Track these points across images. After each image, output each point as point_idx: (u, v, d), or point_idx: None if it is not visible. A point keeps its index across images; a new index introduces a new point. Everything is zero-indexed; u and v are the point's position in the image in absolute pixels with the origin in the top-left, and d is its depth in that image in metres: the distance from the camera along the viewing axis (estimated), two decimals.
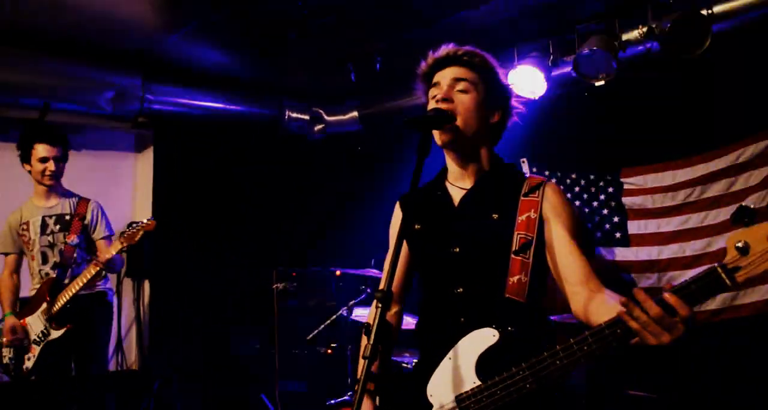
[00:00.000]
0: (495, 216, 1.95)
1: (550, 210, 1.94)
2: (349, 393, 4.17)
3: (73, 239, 3.99)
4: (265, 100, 5.97)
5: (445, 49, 2.04)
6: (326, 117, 6.15)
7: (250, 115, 5.92)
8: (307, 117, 6.13)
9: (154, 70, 5.27)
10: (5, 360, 3.92)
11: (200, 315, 5.73)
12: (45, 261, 4.05)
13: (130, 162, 6.07)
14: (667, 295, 1.50)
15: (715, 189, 4.47)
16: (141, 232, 3.74)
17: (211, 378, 5.56)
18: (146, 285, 5.80)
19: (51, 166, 4.00)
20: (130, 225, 3.87)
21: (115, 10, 4.34)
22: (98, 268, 3.80)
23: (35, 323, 3.94)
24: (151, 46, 4.97)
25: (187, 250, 5.80)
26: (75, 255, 4.02)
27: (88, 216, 4.11)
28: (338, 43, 5.07)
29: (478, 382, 1.76)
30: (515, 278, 1.88)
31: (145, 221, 3.78)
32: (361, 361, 2.12)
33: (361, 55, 5.27)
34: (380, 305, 1.60)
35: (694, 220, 4.52)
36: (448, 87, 1.97)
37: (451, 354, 1.84)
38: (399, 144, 6.02)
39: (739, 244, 1.42)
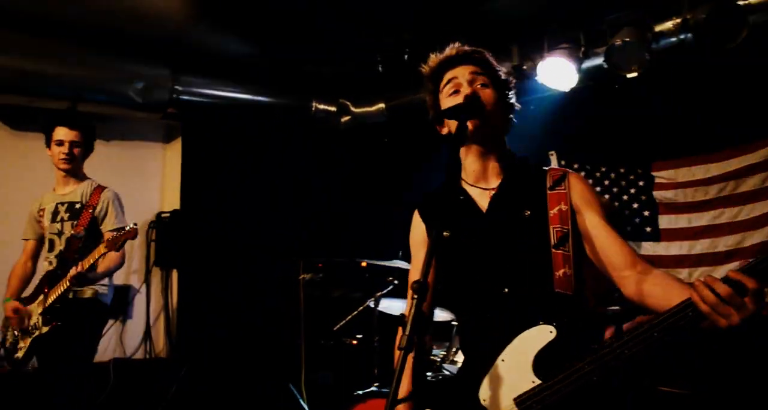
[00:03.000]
0: (527, 213, 1.94)
1: (580, 200, 1.94)
2: (375, 384, 4.17)
3: (80, 232, 3.81)
4: (292, 91, 5.97)
5: (454, 48, 2.08)
6: (353, 108, 6.14)
7: (277, 106, 5.92)
8: (334, 108, 6.12)
9: (184, 61, 5.29)
10: (7, 344, 3.81)
11: (228, 305, 5.77)
12: (51, 248, 3.92)
13: (159, 152, 6.12)
14: (731, 273, 1.51)
15: (750, 183, 4.39)
16: (123, 239, 3.47)
17: (239, 367, 5.61)
18: (174, 274, 5.87)
19: (65, 148, 3.89)
20: (116, 229, 3.69)
21: (145, 0, 4.38)
22: (75, 275, 3.51)
23: (33, 313, 3.77)
24: (181, 37, 4.99)
25: (215, 240, 5.85)
26: (79, 248, 3.77)
27: (99, 207, 3.92)
28: (368, 35, 5.06)
29: (538, 381, 1.72)
30: (561, 271, 1.86)
31: (129, 226, 3.48)
32: (397, 352, 2.12)
33: (389, 46, 5.26)
34: (416, 296, 1.59)
35: (727, 215, 4.45)
36: (467, 82, 2.00)
37: (504, 355, 1.81)
38: (426, 136, 5.99)
39: None
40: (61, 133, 3.90)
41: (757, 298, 1.49)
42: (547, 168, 2.05)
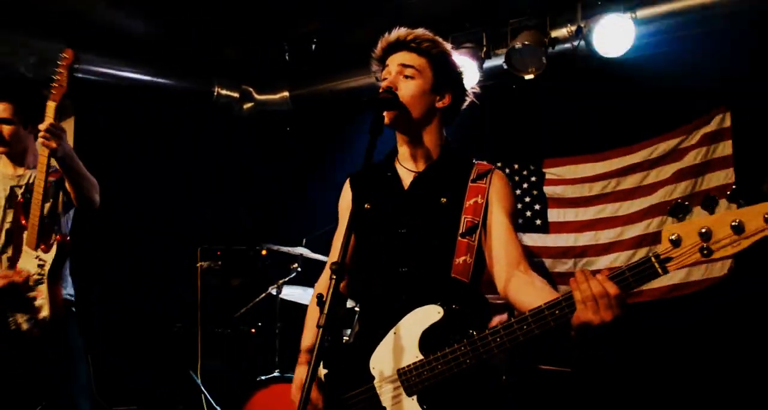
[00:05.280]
0: (443, 200, 2.04)
1: (495, 196, 2.05)
2: (277, 370, 4.20)
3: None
4: (194, 74, 5.84)
5: (395, 33, 2.10)
6: (256, 95, 6.10)
7: (178, 89, 5.77)
8: (236, 94, 6.06)
9: (81, 38, 5.04)
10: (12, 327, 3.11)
11: (122, 294, 5.58)
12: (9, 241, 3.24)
13: None
14: (599, 276, 1.61)
15: (630, 182, 4.79)
16: (65, 73, 2.95)
17: (135, 356, 5.44)
18: None
19: None
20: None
21: None
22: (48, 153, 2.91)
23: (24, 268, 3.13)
24: (81, 12, 4.77)
25: (109, 225, 5.63)
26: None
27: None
28: (274, 22, 5.05)
29: (421, 356, 1.84)
30: (461, 259, 1.97)
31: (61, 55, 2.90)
32: (313, 331, 2.18)
33: (296, 35, 5.27)
34: (334, 277, 1.65)
35: (609, 210, 4.83)
36: (395, 73, 2.05)
37: (395, 329, 1.92)
38: (329, 125, 6.06)
39: (672, 237, 1.52)
40: None
41: (622, 303, 1.58)
42: (476, 161, 2.14)
